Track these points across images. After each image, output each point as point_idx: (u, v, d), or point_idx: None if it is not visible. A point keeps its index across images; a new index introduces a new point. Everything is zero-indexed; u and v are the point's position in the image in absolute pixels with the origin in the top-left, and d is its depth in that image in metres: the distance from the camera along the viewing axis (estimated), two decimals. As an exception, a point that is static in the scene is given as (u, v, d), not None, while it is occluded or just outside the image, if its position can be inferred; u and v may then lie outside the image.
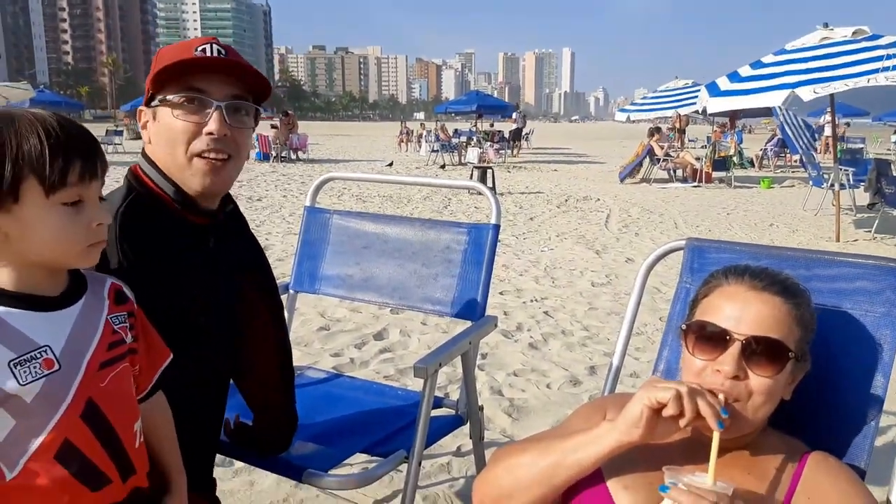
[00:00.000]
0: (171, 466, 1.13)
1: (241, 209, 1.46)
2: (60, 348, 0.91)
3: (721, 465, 1.03)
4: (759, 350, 1.01)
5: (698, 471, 0.97)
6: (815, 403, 1.22)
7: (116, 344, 0.99)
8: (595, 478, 1.05)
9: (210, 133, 1.20)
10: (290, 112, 19.97)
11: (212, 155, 1.21)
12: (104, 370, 0.96)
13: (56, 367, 0.89)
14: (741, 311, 1.04)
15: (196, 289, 1.27)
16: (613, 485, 1.03)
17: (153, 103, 1.22)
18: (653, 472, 1.01)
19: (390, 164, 17.66)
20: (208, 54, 1.20)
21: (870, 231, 7.84)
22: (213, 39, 1.23)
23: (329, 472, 1.53)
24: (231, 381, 1.50)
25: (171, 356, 1.10)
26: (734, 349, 1.01)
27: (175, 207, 1.24)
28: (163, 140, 1.22)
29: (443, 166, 17.18)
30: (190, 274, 1.26)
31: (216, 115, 1.20)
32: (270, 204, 9.55)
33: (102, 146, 0.96)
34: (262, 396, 1.56)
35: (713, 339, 1.03)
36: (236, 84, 1.23)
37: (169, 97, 1.19)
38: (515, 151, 22.77)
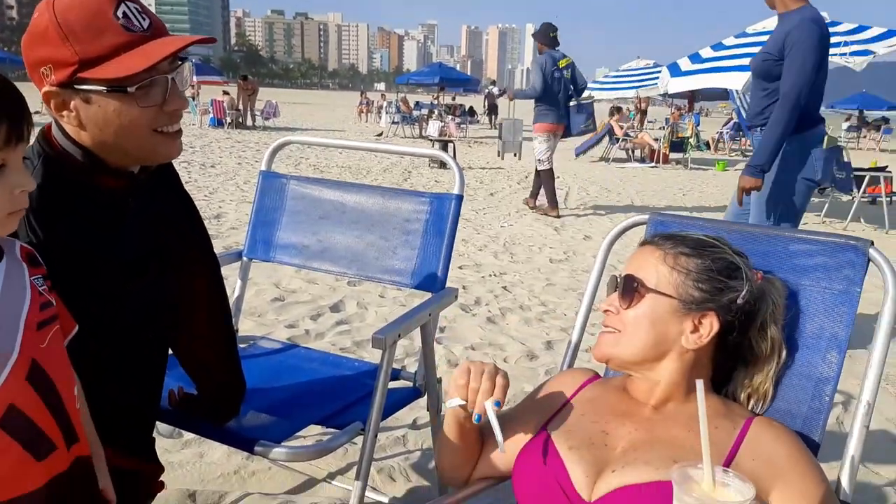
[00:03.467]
0: (87, 437, 1.07)
1: (194, 176, 1.39)
2: None
3: (663, 423, 1.09)
4: (621, 286, 1.15)
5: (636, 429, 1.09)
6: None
7: (46, 305, 0.95)
8: (545, 441, 1.12)
9: (175, 110, 1.15)
10: (248, 76, 19.49)
11: (176, 127, 1.17)
12: (42, 330, 0.91)
13: None
14: (632, 261, 1.19)
15: (110, 253, 1.20)
16: (561, 446, 1.09)
17: (84, 87, 1.06)
18: (592, 432, 1.11)
19: (379, 135, 17.50)
20: (135, 24, 1.07)
21: (819, 215, 8.06)
22: (120, 2, 1.06)
23: (282, 444, 1.48)
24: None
25: (77, 328, 1.03)
26: (613, 289, 1.18)
27: (87, 171, 1.15)
28: (111, 126, 1.10)
29: (403, 138, 17.03)
30: (105, 240, 1.19)
31: (172, 90, 1.12)
32: (224, 171, 9.31)
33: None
34: (202, 358, 1.51)
35: (610, 284, 1.19)
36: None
37: (123, 87, 1.06)
38: (493, 123, 22.55)
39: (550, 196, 7.23)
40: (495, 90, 23.86)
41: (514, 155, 11.86)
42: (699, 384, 0.93)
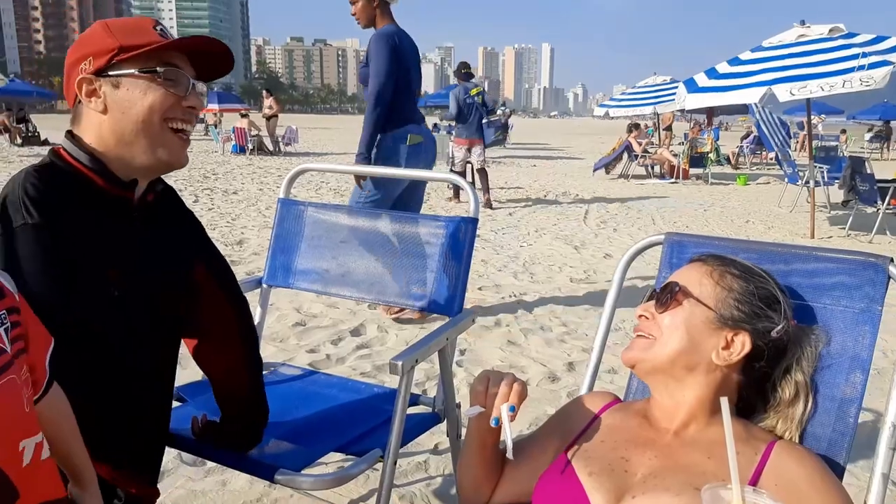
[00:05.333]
0: (79, 462, 1.06)
1: (217, 203, 1.43)
2: None
3: (681, 448, 1.07)
4: (661, 293, 1.15)
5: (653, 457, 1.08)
6: (794, 400, 1.22)
7: None
8: (565, 466, 1.11)
9: (192, 107, 1.25)
10: (271, 91, 19.60)
11: (187, 127, 1.26)
12: None
13: None
14: (674, 277, 1.19)
15: (111, 257, 1.22)
16: (581, 471, 1.08)
17: (117, 72, 1.20)
18: (612, 458, 1.10)
19: None
20: (168, 36, 1.24)
21: (844, 228, 7.94)
22: (158, 21, 1.28)
23: (302, 472, 1.49)
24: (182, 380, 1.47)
25: (53, 342, 0.98)
26: (649, 296, 1.19)
27: (96, 179, 1.22)
28: (133, 110, 1.20)
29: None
30: (105, 240, 1.22)
31: (193, 90, 1.25)
32: (246, 197, 9.43)
33: None
34: (229, 388, 1.53)
35: (649, 296, 1.20)
36: (195, 67, 1.29)
37: (155, 68, 1.20)
38: (504, 142, 22.89)
39: (455, 191, 9.80)
40: (507, 110, 25.26)
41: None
42: (724, 402, 0.92)
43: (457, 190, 9.55)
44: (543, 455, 1.18)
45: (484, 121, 9.21)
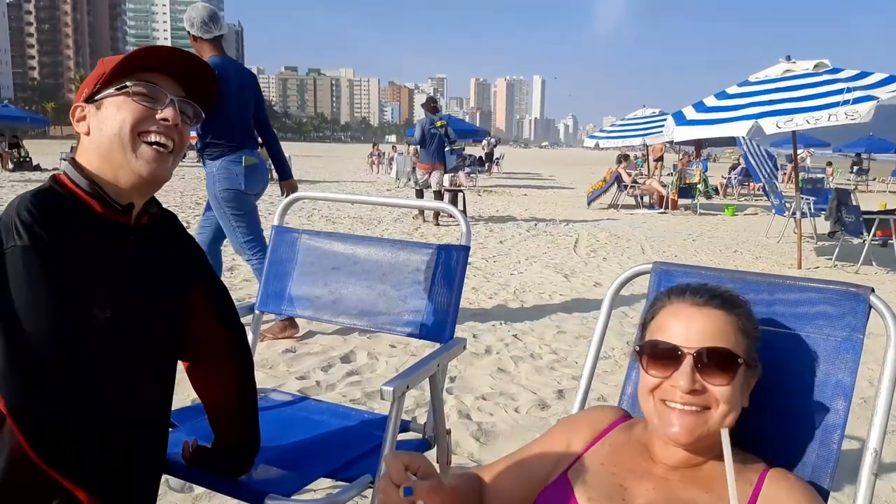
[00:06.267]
0: None
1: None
2: None
3: (680, 482, 1.06)
4: (710, 361, 1.05)
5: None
6: (778, 426, 1.24)
7: None
8: (565, 491, 1.10)
9: (164, 119, 1.26)
10: None
11: (161, 139, 1.26)
12: None
13: None
14: (687, 327, 1.09)
15: (104, 280, 1.23)
16: (580, 497, 1.08)
17: (100, 96, 1.25)
18: (611, 485, 1.09)
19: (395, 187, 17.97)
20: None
21: (830, 258, 8.03)
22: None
23: (292, 497, 1.49)
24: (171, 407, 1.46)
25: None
26: (686, 364, 1.05)
27: (94, 204, 1.25)
28: (107, 126, 1.23)
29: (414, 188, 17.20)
30: (99, 263, 1.23)
31: (170, 105, 1.27)
32: (239, 224, 9.43)
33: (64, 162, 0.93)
34: (223, 414, 1.53)
35: (665, 355, 1.08)
36: (185, 87, 1.31)
37: (125, 84, 1.24)
38: (489, 170, 23.37)
39: (420, 210, 10.83)
40: (493, 140, 26.73)
41: (408, 180, 16.03)
42: (725, 434, 0.95)
43: (421, 210, 10.66)
44: (544, 466, 1.18)
45: (447, 149, 10.61)
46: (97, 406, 1.22)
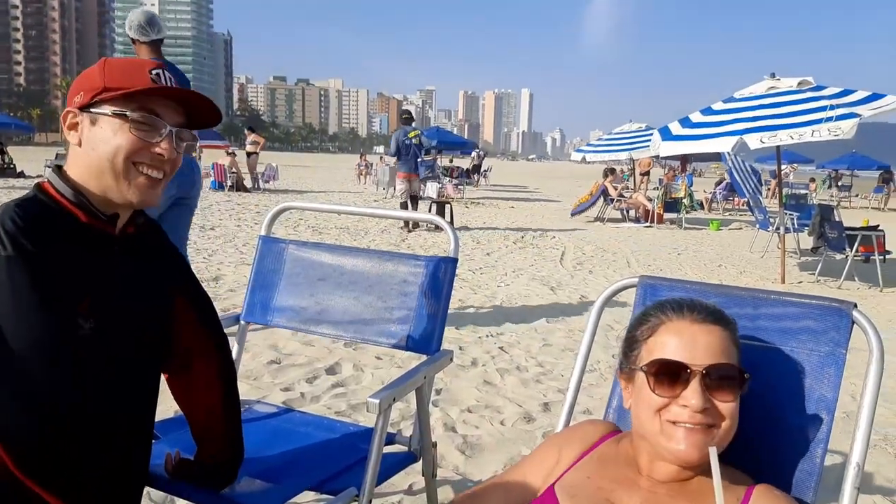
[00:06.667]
0: None
1: (194, 238, 1.44)
2: None
3: (666, 496, 1.07)
4: (718, 378, 1.05)
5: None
6: (762, 440, 1.24)
7: None
8: (551, 502, 1.10)
9: (160, 154, 1.25)
10: (254, 129, 19.75)
11: (153, 173, 1.25)
12: None
13: None
14: (692, 344, 1.08)
15: (88, 289, 1.22)
16: None
17: (96, 110, 1.22)
18: (597, 498, 1.09)
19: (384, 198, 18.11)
20: (163, 82, 1.25)
21: (813, 273, 8.11)
22: (162, 65, 1.28)
23: (276, 511, 1.47)
24: (153, 419, 1.44)
25: None
26: (696, 382, 1.04)
27: (79, 214, 1.24)
28: (101, 148, 1.22)
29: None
30: (83, 272, 1.23)
31: (168, 138, 1.25)
32: (224, 233, 9.39)
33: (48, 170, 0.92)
34: (207, 425, 1.52)
35: (673, 375, 1.06)
36: (184, 114, 1.30)
37: (125, 112, 1.21)
38: (476, 182, 23.59)
39: (406, 222, 11.04)
40: (481, 152, 27.47)
41: (391, 188, 16.89)
42: (713, 452, 0.95)
43: (407, 221, 10.85)
44: (532, 483, 1.18)
45: (419, 159, 11.18)
46: (83, 416, 1.21)
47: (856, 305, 1.28)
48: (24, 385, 1.11)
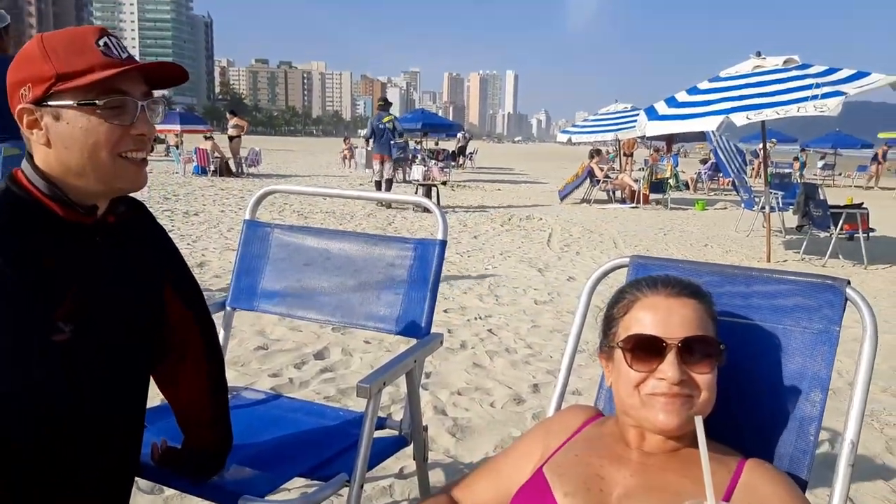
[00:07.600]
0: None
1: (177, 224, 1.40)
2: None
3: (657, 468, 1.07)
4: (694, 350, 1.06)
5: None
6: (755, 417, 1.24)
7: None
8: (541, 487, 1.10)
9: (141, 134, 1.16)
10: (236, 112, 19.55)
11: (139, 154, 1.17)
12: None
13: None
14: (667, 318, 1.09)
15: (72, 281, 1.16)
16: (556, 491, 1.08)
17: (56, 102, 1.10)
18: (588, 476, 1.09)
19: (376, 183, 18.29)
20: (113, 50, 1.13)
21: (798, 252, 8.17)
22: (104, 29, 1.15)
23: (266, 498, 1.45)
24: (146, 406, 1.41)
25: None
26: (672, 355, 1.05)
27: (55, 207, 1.16)
28: (77, 147, 1.12)
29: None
30: (65, 265, 1.17)
31: (142, 115, 1.15)
32: (208, 219, 9.29)
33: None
34: (193, 413, 1.49)
35: (649, 349, 1.07)
36: (145, 81, 1.19)
37: (93, 101, 1.10)
38: (462, 164, 23.61)
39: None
40: (466, 135, 27.30)
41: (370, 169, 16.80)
42: (699, 420, 0.94)
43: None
44: (521, 471, 1.17)
45: (392, 142, 12.00)
46: (81, 418, 1.18)
47: (849, 282, 1.27)
48: (6, 387, 1.08)
